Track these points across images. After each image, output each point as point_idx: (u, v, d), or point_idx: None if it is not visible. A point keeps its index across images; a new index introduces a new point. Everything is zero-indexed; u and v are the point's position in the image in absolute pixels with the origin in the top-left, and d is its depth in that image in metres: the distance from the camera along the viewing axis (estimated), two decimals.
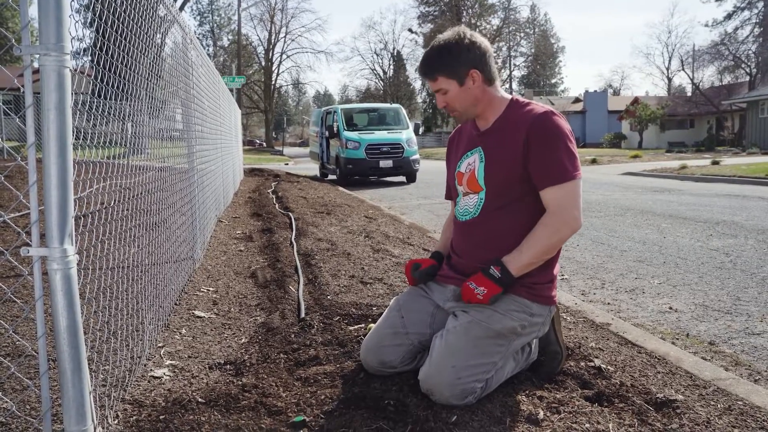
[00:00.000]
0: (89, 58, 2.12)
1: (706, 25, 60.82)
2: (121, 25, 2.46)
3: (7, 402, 2.13)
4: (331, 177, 17.74)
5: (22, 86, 1.69)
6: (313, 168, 21.75)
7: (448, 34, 2.34)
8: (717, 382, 2.49)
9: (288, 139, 79.32)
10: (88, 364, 1.78)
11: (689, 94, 54.53)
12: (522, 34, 69.93)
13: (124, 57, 2.51)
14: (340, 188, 13.22)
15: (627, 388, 2.35)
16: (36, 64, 1.69)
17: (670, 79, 63.63)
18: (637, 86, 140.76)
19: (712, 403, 2.29)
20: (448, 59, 2.30)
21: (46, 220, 1.67)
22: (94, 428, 1.81)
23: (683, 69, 56.59)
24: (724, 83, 50.84)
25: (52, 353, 2.05)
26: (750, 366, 2.94)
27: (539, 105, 2.35)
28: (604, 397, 2.28)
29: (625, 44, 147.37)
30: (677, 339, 3.34)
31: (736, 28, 48.78)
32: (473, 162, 2.43)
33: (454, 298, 2.41)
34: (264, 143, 63.28)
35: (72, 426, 1.75)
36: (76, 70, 1.82)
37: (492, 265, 2.25)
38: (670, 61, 63.04)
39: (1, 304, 3.33)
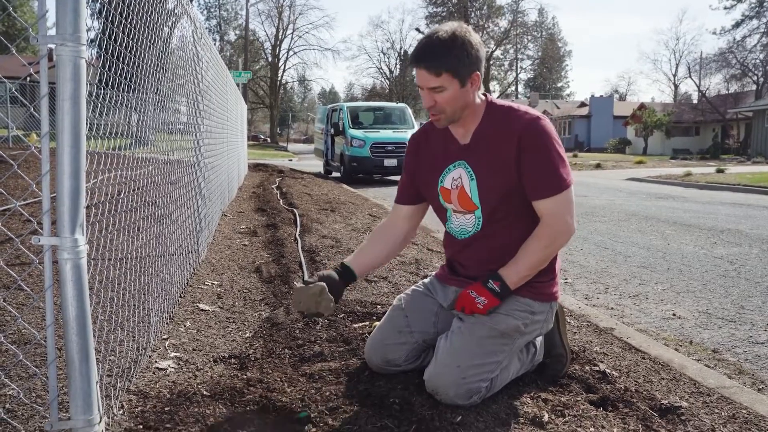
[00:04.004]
0: (97, 48, 2.12)
1: (714, 33, 60.74)
2: (134, 16, 2.46)
3: (14, 389, 2.14)
4: (335, 174, 17.75)
5: (36, 73, 1.69)
6: (316, 165, 21.75)
7: (453, 27, 2.13)
8: (721, 390, 2.49)
9: (292, 135, 79.35)
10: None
11: (695, 101, 54.43)
12: (529, 37, 70.01)
13: (134, 47, 2.51)
14: (344, 186, 13.22)
15: (631, 393, 2.35)
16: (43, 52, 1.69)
17: (676, 86, 63.59)
18: (643, 92, 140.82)
19: (717, 410, 2.29)
20: (460, 55, 2.09)
21: (57, 210, 1.67)
22: (100, 418, 1.81)
23: (690, 76, 56.38)
24: (730, 91, 50.75)
25: (57, 342, 2.06)
26: (753, 375, 2.94)
27: (521, 109, 2.24)
28: (608, 402, 2.27)
29: (633, 50, 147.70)
30: (681, 346, 3.34)
31: (745, 37, 48.76)
32: (460, 178, 2.31)
33: (450, 306, 2.38)
34: (268, 139, 63.28)
35: (78, 415, 1.75)
36: (90, 63, 1.82)
37: (491, 279, 2.23)
38: (677, 67, 63.15)
39: (7, 291, 3.34)
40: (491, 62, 63.57)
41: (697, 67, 53.99)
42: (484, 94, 2.29)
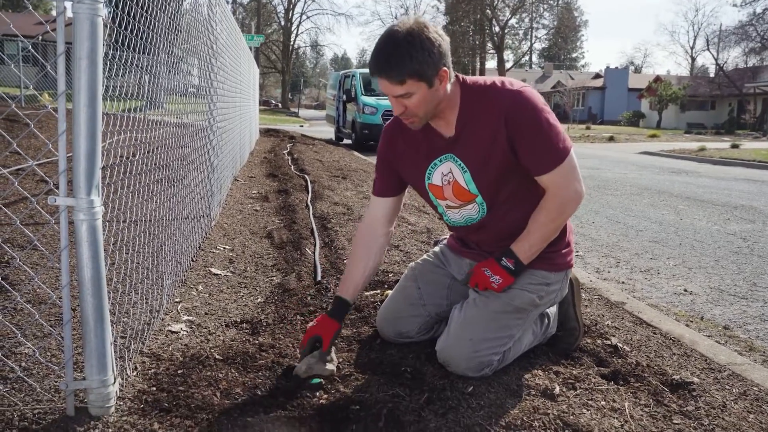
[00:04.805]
0: (113, 8, 2.08)
1: (735, 5, 59.59)
2: None
3: (29, 347, 2.16)
4: (346, 141, 17.66)
5: (53, 31, 1.66)
6: (328, 131, 21.65)
7: (408, 26, 1.93)
8: (732, 366, 2.49)
9: (304, 101, 78.93)
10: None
11: (712, 75, 53.58)
12: (545, 6, 68.70)
13: (148, 5, 2.47)
14: (355, 153, 13.17)
15: (643, 368, 2.35)
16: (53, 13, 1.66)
17: (693, 59, 62.68)
18: (659, 64, 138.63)
19: (728, 387, 2.29)
20: (421, 57, 1.90)
21: (74, 170, 1.66)
22: (114, 379, 1.83)
23: (708, 49, 55.68)
24: (749, 65, 49.85)
25: (72, 303, 2.07)
26: (765, 352, 2.93)
27: (498, 84, 2.07)
28: (620, 376, 2.27)
29: (650, 21, 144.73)
30: (692, 321, 3.33)
31: (766, 9, 47.72)
32: (450, 172, 2.19)
33: (464, 280, 2.34)
34: (280, 104, 63.02)
35: (93, 375, 1.77)
36: (106, 22, 1.79)
37: (504, 257, 2.19)
38: (695, 40, 62.03)
39: (23, 251, 3.36)
40: (506, 31, 62.59)
41: (716, 39, 52.99)
42: (456, 76, 2.11)
